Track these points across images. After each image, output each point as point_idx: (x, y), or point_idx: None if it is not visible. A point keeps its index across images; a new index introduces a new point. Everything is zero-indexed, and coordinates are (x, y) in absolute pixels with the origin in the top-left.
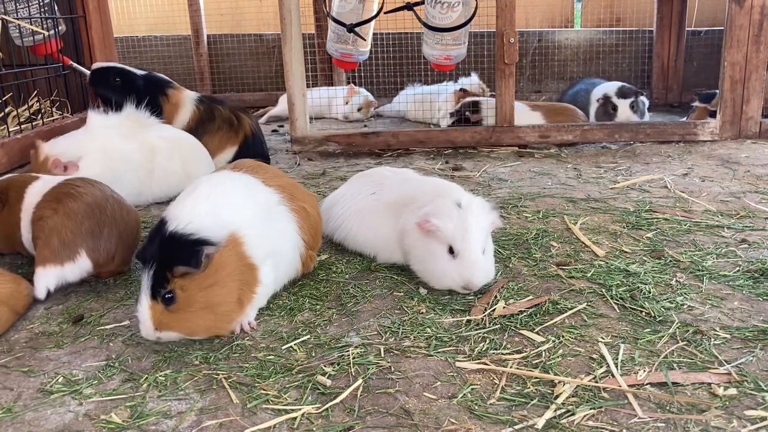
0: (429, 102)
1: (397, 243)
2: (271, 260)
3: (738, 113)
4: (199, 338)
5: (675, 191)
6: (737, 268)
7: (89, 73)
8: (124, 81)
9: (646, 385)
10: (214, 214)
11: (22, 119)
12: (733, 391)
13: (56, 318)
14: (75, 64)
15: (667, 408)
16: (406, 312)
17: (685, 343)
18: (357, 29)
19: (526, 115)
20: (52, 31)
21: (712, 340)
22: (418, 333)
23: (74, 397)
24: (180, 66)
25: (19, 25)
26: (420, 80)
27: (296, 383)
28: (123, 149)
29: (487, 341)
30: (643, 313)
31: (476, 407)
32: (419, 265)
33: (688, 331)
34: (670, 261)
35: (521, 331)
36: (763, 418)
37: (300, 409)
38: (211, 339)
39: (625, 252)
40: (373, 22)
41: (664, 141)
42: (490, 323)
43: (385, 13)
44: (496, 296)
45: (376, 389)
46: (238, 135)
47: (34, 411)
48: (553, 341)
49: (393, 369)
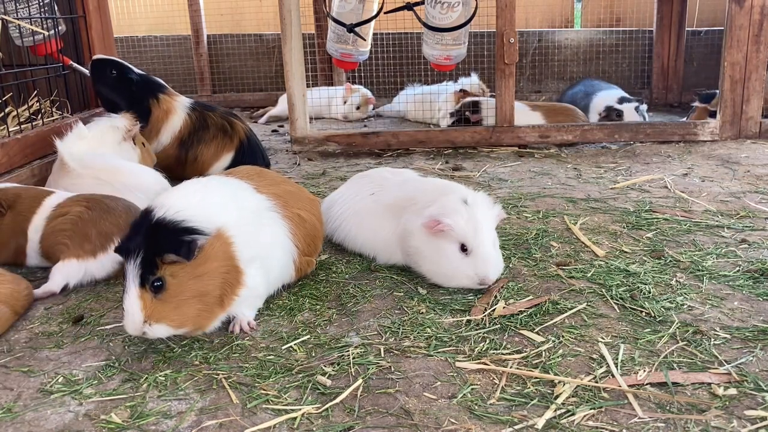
0: (429, 102)
1: (398, 244)
2: (259, 264)
3: (738, 113)
4: (182, 332)
5: (675, 191)
6: (737, 268)
7: (90, 64)
8: (119, 76)
9: (646, 385)
10: (203, 207)
11: (22, 119)
12: (733, 391)
13: (56, 318)
14: (75, 64)
15: (667, 408)
16: (406, 312)
17: (685, 343)
18: (357, 29)
19: (526, 115)
20: (52, 31)
21: (712, 340)
22: (418, 333)
23: (74, 397)
24: (180, 66)
25: (19, 25)
26: (420, 80)
27: (296, 383)
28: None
29: (487, 341)
30: (643, 313)
31: (476, 407)
32: (429, 266)
33: (688, 331)
34: (670, 261)
35: (521, 331)
36: (763, 418)
37: (300, 409)
38: (212, 339)
39: (625, 252)
40: (373, 22)
41: (664, 141)
42: (490, 323)
43: (385, 13)
44: (496, 296)
45: (376, 389)
46: (233, 141)
47: (34, 411)
48: (553, 341)
49: (393, 369)
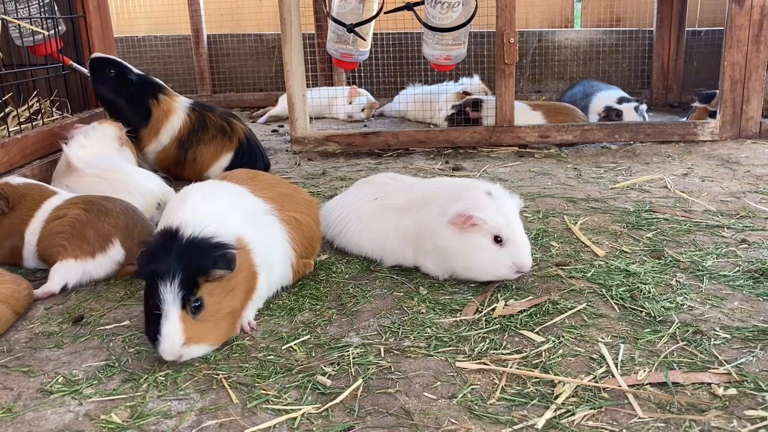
0: (429, 102)
1: (409, 246)
2: (266, 268)
3: (738, 113)
4: (215, 349)
5: (675, 191)
6: (737, 268)
7: (89, 61)
8: (118, 75)
9: (646, 385)
10: (221, 219)
11: (22, 119)
12: (733, 391)
13: (56, 318)
14: (75, 64)
15: (667, 408)
16: (406, 312)
17: (685, 343)
18: (357, 29)
19: (526, 115)
20: (52, 31)
21: (712, 340)
22: (418, 333)
23: (74, 397)
24: (180, 66)
25: (19, 25)
26: (420, 80)
27: (296, 383)
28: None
29: (487, 341)
30: (643, 313)
31: (476, 407)
32: (463, 262)
33: (688, 331)
34: (670, 261)
35: (521, 331)
36: (763, 418)
37: (300, 409)
38: None
39: (625, 252)
40: (373, 22)
41: (664, 141)
42: (490, 323)
43: (385, 13)
44: (492, 295)
45: (376, 389)
46: (233, 141)
47: (34, 411)
48: (553, 341)
49: (393, 369)
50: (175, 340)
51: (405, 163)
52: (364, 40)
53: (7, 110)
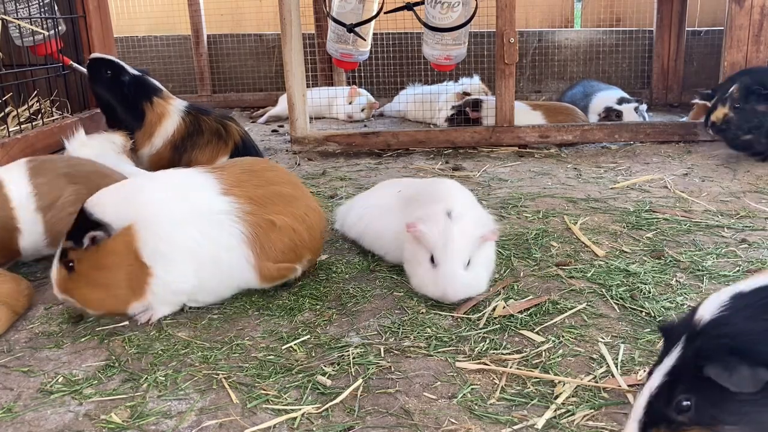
0: (429, 102)
1: (398, 243)
2: (191, 265)
3: None
4: (95, 312)
5: (675, 191)
6: (737, 268)
7: (87, 63)
8: (114, 76)
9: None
10: (120, 204)
11: (22, 119)
12: None
13: (56, 318)
14: (75, 64)
15: None
16: (406, 312)
17: None
18: (357, 29)
19: (526, 115)
20: (52, 31)
21: None
22: (418, 333)
23: (74, 397)
24: (180, 66)
25: (19, 25)
26: (420, 80)
27: (296, 383)
28: None
29: (487, 341)
30: (643, 313)
31: (476, 407)
32: (407, 267)
33: None
34: (670, 261)
35: (521, 331)
36: None
37: (300, 409)
38: (212, 338)
39: (625, 252)
40: (373, 22)
41: (664, 141)
42: (490, 323)
43: (385, 13)
44: (477, 306)
45: (376, 389)
46: (228, 145)
47: (34, 411)
48: (553, 341)
49: (393, 369)
50: (53, 284)
51: (405, 163)
52: (364, 40)
53: (7, 110)
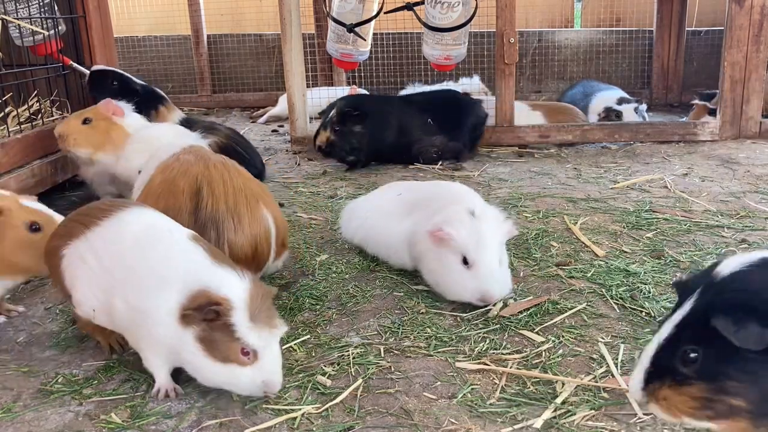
0: None
1: (406, 249)
2: None
3: (738, 113)
4: None
5: (675, 191)
6: None
7: (88, 75)
8: (122, 86)
9: None
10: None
11: (22, 119)
12: None
13: (56, 318)
14: (75, 64)
15: None
16: (406, 312)
17: None
18: (357, 29)
19: (526, 115)
20: (52, 31)
21: None
22: (418, 333)
23: (74, 397)
24: (180, 66)
25: (19, 25)
26: (420, 80)
27: (296, 383)
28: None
29: (487, 341)
30: (643, 313)
31: (476, 407)
32: (430, 275)
33: None
34: (670, 261)
35: (521, 331)
36: None
37: (300, 409)
38: None
39: (625, 252)
40: (373, 22)
41: (664, 141)
42: (490, 323)
43: (385, 13)
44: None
45: (376, 389)
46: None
47: (34, 411)
48: (553, 341)
49: (393, 369)
50: None
51: (405, 163)
52: (364, 40)
53: (7, 110)
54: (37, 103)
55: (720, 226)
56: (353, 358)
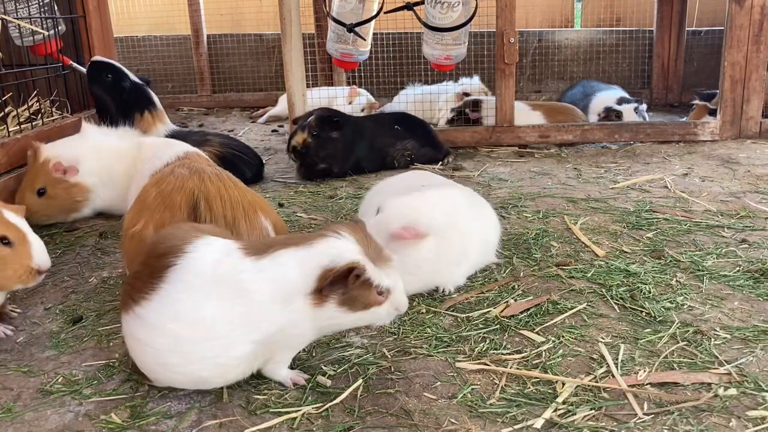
0: (429, 102)
1: None
2: None
3: (738, 113)
4: None
5: (675, 191)
6: (737, 268)
7: (88, 64)
8: (114, 81)
9: (646, 385)
10: None
11: (22, 119)
12: (733, 391)
13: (56, 318)
14: (75, 64)
15: (667, 408)
16: (406, 312)
17: (685, 343)
18: (357, 29)
19: (526, 115)
20: (52, 31)
21: (712, 340)
22: (418, 333)
23: (74, 397)
24: (180, 66)
25: (19, 25)
26: (420, 80)
27: (296, 383)
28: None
29: (487, 341)
30: (643, 313)
31: (476, 407)
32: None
33: (688, 331)
34: (670, 261)
35: (521, 331)
36: (764, 418)
37: (300, 409)
38: None
39: (625, 252)
40: (373, 22)
41: (664, 141)
42: (490, 323)
43: (385, 13)
44: (476, 306)
45: (376, 389)
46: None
47: (34, 411)
48: (553, 341)
49: (393, 369)
50: None
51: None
52: (364, 40)
53: (7, 110)
54: (37, 103)
55: (720, 226)
56: (353, 358)
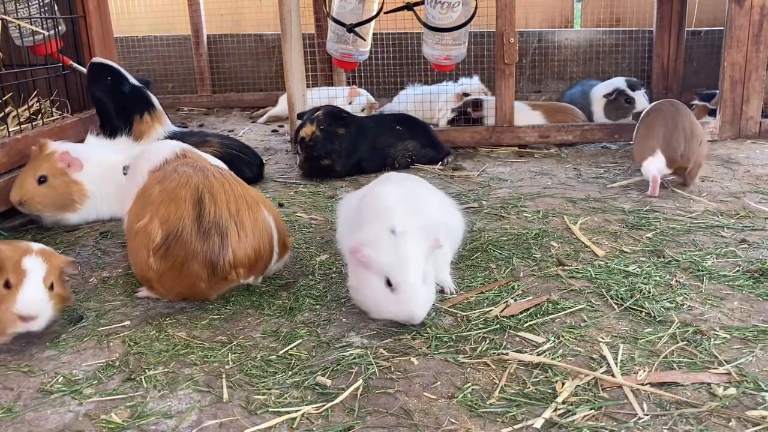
0: (429, 102)
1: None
2: None
3: (738, 113)
4: None
5: (675, 191)
6: (737, 268)
7: (88, 65)
8: (114, 83)
9: (646, 385)
10: None
11: (22, 119)
12: (733, 391)
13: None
14: (75, 64)
15: (667, 408)
16: None
17: (685, 343)
18: (357, 29)
19: (526, 115)
20: (52, 31)
21: (712, 340)
22: (418, 333)
23: (74, 397)
24: (180, 66)
25: (19, 25)
26: (420, 80)
27: (296, 383)
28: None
29: (487, 341)
30: (643, 313)
31: (476, 407)
32: (354, 293)
33: (688, 331)
34: (670, 261)
35: (521, 331)
36: (764, 418)
37: (300, 409)
38: (212, 338)
39: (625, 252)
40: (373, 22)
41: None
42: (489, 323)
43: (385, 13)
44: (477, 306)
45: (376, 389)
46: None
47: (34, 411)
48: (553, 341)
49: (393, 369)
50: None
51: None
52: (364, 40)
53: (7, 110)
54: (37, 103)
55: (720, 226)
56: (353, 358)
